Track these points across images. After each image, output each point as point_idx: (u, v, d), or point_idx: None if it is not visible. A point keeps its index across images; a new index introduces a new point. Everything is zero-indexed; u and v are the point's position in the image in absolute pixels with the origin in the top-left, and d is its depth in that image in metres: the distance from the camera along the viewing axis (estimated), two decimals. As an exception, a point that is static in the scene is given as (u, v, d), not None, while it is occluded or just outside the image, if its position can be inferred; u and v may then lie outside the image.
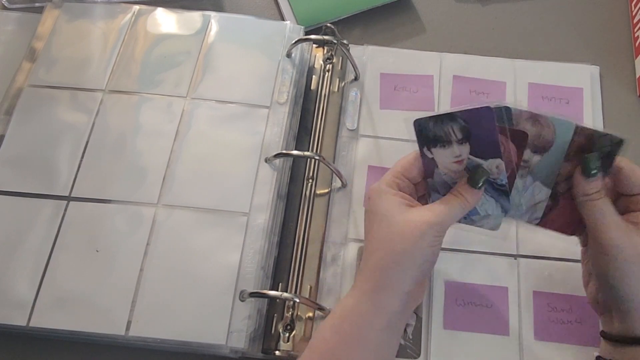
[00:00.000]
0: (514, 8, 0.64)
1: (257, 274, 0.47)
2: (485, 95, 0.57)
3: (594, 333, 0.45)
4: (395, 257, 0.38)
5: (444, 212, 0.38)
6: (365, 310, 0.38)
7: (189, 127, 0.52)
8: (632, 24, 0.62)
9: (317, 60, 0.59)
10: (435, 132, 0.39)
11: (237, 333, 0.44)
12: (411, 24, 0.63)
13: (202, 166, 0.51)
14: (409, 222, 0.38)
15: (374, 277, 0.38)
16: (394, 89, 0.57)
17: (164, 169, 0.50)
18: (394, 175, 0.41)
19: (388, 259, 0.38)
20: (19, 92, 0.54)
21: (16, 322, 0.44)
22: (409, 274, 0.38)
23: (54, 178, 0.50)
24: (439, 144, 0.39)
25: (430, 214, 0.38)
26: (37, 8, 0.60)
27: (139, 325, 0.44)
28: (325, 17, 0.61)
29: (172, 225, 0.48)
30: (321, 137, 0.55)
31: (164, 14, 0.59)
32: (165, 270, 0.46)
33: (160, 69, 0.55)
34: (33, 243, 0.47)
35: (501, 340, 0.46)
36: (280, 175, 0.51)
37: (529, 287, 0.48)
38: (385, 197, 0.39)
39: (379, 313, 0.37)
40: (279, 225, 0.50)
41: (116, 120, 0.53)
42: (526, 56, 0.59)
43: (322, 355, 0.37)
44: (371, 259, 0.39)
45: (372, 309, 0.37)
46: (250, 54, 0.56)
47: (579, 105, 0.56)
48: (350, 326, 0.37)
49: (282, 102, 0.54)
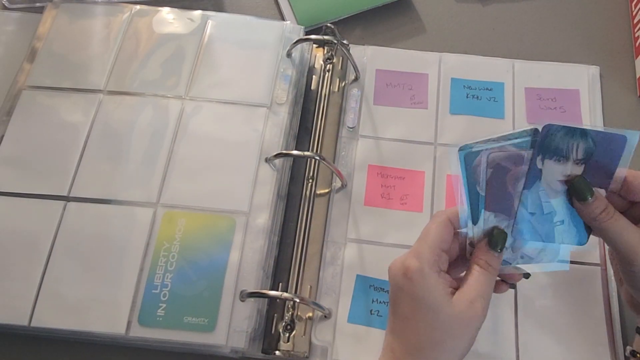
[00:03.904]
0: (514, 8, 0.64)
1: (257, 273, 0.47)
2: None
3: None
4: (443, 354, 0.36)
5: (486, 295, 0.36)
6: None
7: (188, 127, 0.52)
8: (632, 24, 0.62)
9: (318, 60, 0.59)
10: (559, 144, 0.36)
11: (237, 333, 0.44)
12: (411, 24, 0.63)
13: (202, 166, 0.51)
14: (458, 318, 0.35)
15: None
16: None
17: (163, 169, 0.50)
18: (434, 252, 0.37)
19: (435, 354, 0.36)
20: (20, 93, 0.54)
21: (17, 322, 0.44)
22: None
23: (53, 178, 0.50)
24: (556, 157, 0.37)
25: (478, 307, 0.36)
26: (37, 8, 0.60)
27: (139, 325, 0.44)
28: (325, 17, 0.61)
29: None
30: (321, 137, 0.55)
31: (163, 14, 0.59)
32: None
33: (160, 68, 0.55)
34: (33, 243, 0.47)
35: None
36: (280, 175, 0.51)
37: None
38: (429, 282, 0.36)
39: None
40: (279, 225, 0.50)
41: (115, 121, 0.53)
42: (526, 56, 0.59)
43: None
44: (416, 353, 0.36)
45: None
46: (250, 54, 0.56)
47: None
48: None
49: (281, 102, 0.54)
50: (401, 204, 0.52)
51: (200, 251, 0.47)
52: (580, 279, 0.48)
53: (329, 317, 0.47)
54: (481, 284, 0.37)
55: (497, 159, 0.37)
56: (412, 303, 0.36)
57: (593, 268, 0.49)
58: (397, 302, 0.37)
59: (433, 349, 0.36)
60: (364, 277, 0.48)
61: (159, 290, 0.46)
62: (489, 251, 0.37)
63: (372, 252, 0.49)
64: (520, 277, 0.40)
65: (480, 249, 0.38)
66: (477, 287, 0.36)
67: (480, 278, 0.37)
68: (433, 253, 0.37)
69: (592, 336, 0.46)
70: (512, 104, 0.56)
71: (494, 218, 0.37)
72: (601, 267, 0.49)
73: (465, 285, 0.37)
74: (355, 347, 0.46)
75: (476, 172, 0.37)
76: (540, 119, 0.55)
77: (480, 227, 0.38)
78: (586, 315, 0.47)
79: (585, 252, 0.49)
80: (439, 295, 0.36)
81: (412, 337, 0.36)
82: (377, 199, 0.52)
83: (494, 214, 0.37)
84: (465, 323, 0.36)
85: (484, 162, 0.37)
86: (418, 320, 0.36)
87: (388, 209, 0.51)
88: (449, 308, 0.35)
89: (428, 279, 0.36)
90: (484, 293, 0.37)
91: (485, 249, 0.38)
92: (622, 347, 0.46)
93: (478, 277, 0.37)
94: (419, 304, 0.36)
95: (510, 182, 0.37)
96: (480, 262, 0.37)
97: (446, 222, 0.38)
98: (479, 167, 0.37)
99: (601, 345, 0.46)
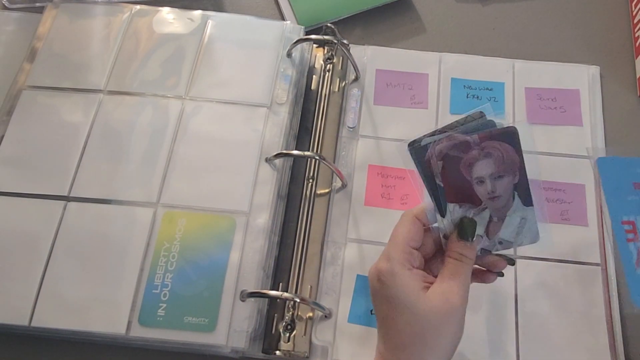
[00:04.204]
0: (514, 8, 0.64)
1: (258, 273, 0.47)
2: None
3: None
4: (426, 349, 0.35)
5: (461, 286, 0.36)
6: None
7: (188, 127, 0.52)
8: (632, 24, 0.62)
9: (318, 60, 0.59)
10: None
11: (238, 333, 0.44)
12: (411, 24, 0.63)
13: (202, 166, 0.51)
14: (433, 312, 0.35)
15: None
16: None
17: (163, 169, 0.50)
18: (403, 251, 0.37)
19: (418, 351, 0.36)
20: (20, 93, 0.54)
21: (17, 322, 0.44)
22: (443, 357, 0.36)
23: (54, 178, 0.50)
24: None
25: (454, 299, 0.36)
26: (37, 8, 0.60)
27: (139, 325, 0.44)
28: (325, 17, 0.61)
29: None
30: (321, 137, 0.55)
31: (163, 14, 0.59)
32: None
33: (160, 68, 0.55)
34: (33, 243, 0.47)
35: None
36: (280, 175, 0.51)
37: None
38: (400, 281, 0.36)
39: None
40: (279, 225, 0.50)
41: (115, 121, 0.53)
42: (526, 56, 0.59)
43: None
44: (400, 353, 0.36)
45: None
46: (250, 53, 0.56)
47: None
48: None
49: (282, 102, 0.54)
50: (401, 204, 0.52)
51: (200, 251, 0.47)
52: (580, 279, 0.48)
53: (330, 317, 0.47)
54: (456, 276, 0.37)
55: (444, 149, 0.36)
56: (388, 304, 0.37)
57: (593, 268, 0.49)
58: (376, 305, 0.38)
59: (415, 345, 0.36)
60: (364, 277, 0.48)
61: (159, 290, 0.46)
62: (460, 242, 0.37)
63: (373, 252, 0.49)
64: (504, 264, 0.40)
65: (452, 240, 0.38)
66: (451, 279, 0.36)
67: (454, 270, 0.37)
68: (402, 252, 0.37)
69: (592, 336, 0.46)
70: (513, 104, 0.56)
71: (459, 209, 0.37)
72: (601, 267, 0.49)
73: (440, 278, 0.37)
74: (356, 347, 0.46)
75: (430, 165, 0.36)
76: (540, 118, 0.56)
77: (449, 219, 0.37)
78: (586, 315, 0.47)
79: (585, 252, 0.49)
80: (411, 292, 0.36)
81: (395, 337, 0.36)
82: (377, 198, 0.52)
83: (458, 205, 0.37)
84: (443, 315, 0.35)
85: (433, 155, 0.36)
86: (396, 320, 0.36)
87: (388, 209, 0.51)
88: (424, 303, 0.35)
89: (399, 278, 0.36)
90: (460, 284, 0.36)
91: (456, 241, 0.37)
92: (622, 347, 0.46)
93: (452, 269, 0.37)
94: (394, 303, 0.36)
95: (464, 170, 0.36)
96: (453, 254, 0.37)
97: (413, 220, 0.38)
98: (431, 161, 0.36)
99: (601, 345, 0.46)
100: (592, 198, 0.52)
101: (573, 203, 0.51)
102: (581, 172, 0.53)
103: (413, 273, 0.37)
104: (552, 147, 0.54)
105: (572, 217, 0.51)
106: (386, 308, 0.37)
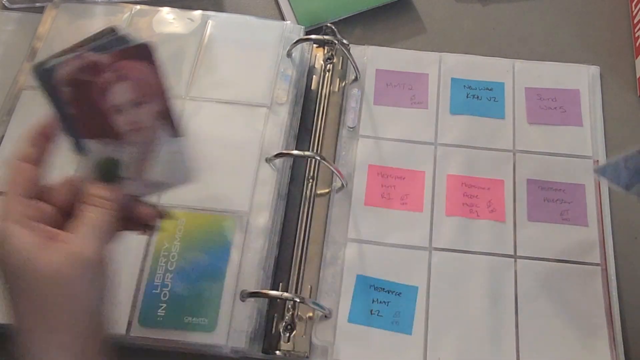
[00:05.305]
0: (514, 8, 0.64)
1: (258, 273, 0.47)
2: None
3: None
4: (57, 317, 0.30)
5: (98, 236, 0.31)
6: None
7: (188, 127, 0.52)
8: (632, 24, 0.62)
9: (318, 60, 0.59)
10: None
11: (238, 333, 0.44)
12: (411, 24, 0.63)
13: (202, 166, 0.50)
14: (57, 269, 0.30)
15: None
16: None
17: (164, 169, 0.50)
18: (22, 203, 0.31)
19: (48, 320, 0.30)
20: (20, 93, 0.54)
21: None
22: (82, 327, 0.31)
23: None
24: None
25: (85, 248, 0.31)
26: (37, 8, 0.60)
27: (140, 325, 0.44)
28: (325, 17, 0.61)
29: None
30: (321, 137, 0.55)
31: (163, 14, 0.58)
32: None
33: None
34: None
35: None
36: (280, 175, 0.51)
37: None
38: (16, 239, 0.30)
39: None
40: (280, 225, 0.50)
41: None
42: (526, 56, 0.59)
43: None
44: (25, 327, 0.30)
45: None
46: (250, 53, 0.56)
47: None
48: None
49: (282, 102, 0.54)
50: (401, 203, 0.52)
51: (200, 251, 0.47)
52: (580, 279, 0.48)
53: (330, 317, 0.47)
54: (91, 225, 0.32)
55: (71, 73, 0.30)
56: (5, 270, 0.30)
57: (593, 268, 0.49)
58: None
59: (36, 313, 0.30)
60: (364, 277, 0.48)
61: (159, 290, 0.46)
62: (98, 185, 0.33)
63: (373, 252, 0.49)
64: (154, 216, 0.36)
65: (91, 183, 0.33)
66: (85, 228, 0.31)
67: (91, 218, 0.32)
68: (21, 205, 0.31)
69: (592, 336, 0.46)
70: (513, 104, 0.56)
71: (103, 147, 0.31)
72: (601, 267, 0.49)
73: (71, 229, 0.31)
74: (356, 347, 0.46)
75: (60, 92, 0.30)
76: (540, 119, 0.56)
77: (90, 158, 0.32)
78: (586, 315, 0.47)
79: (586, 252, 0.49)
80: (29, 252, 0.30)
81: (20, 309, 0.31)
82: (377, 198, 0.52)
83: (95, 141, 0.31)
84: (70, 274, 0.30)
85: (60, 80, 0.30)
86: (17, 289, 0.30)
87: (388, 209, 0.51)
88: (44, 263, 0.30)
89: (9, 238, 0.30)
90: (95, 235, 0.31)
91: (95, 183, 0.33)
92: (622, 347, 0.46)
93: (88, 217, 0.32)
94: (11, 269, 0.30)
95: (99, 97, 0.30)
96: (89, 199, 0.32)
97: (18, 165, 0.32)
98: (58, 87, 0.30)
99: (601, 345, 0.46)
100: (592, 198, 0.52)
101: (573, 203, 0.51)
102: (581, 172, 0.53)
103: (32, 230, 0.30)
104: (552, 147, 0.54)
105: (572, 217, 0.51)
106: (5, 276, 0.31)
